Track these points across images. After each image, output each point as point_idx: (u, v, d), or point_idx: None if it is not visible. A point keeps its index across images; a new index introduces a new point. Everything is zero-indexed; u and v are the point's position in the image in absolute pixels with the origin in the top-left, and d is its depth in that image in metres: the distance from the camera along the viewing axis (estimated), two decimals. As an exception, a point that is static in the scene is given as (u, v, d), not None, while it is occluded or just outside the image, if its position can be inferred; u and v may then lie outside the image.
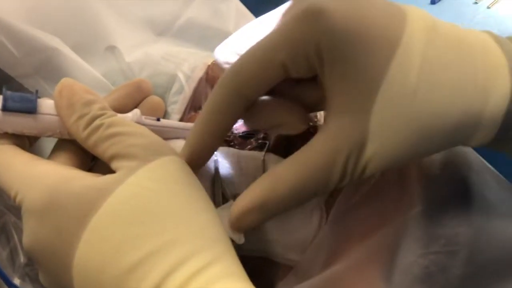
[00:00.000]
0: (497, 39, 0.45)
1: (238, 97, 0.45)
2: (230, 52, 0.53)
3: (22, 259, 0.52)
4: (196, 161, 0.47)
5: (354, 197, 0.52)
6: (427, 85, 0.41)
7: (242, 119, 0.49)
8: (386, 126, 0.42)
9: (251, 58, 0.45)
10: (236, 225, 0.46)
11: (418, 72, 0.41)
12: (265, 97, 0.48)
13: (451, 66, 0.42)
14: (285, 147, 0.58)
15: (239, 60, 0.45)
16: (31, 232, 0.42)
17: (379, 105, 0.41)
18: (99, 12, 0.61)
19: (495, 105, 0.43)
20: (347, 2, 0.43)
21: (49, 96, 0.47)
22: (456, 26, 0.45)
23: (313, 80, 0.46)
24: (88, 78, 0.56)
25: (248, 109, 0.47)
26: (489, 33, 0.46)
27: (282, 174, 0.44)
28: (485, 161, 0.55)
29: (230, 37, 0.59)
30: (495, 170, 0.55)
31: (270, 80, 0.45)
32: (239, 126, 0.59)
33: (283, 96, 0.48)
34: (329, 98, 0.44)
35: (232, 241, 0.44)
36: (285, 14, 0.46)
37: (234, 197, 0.53)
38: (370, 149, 0.42)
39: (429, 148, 0.44)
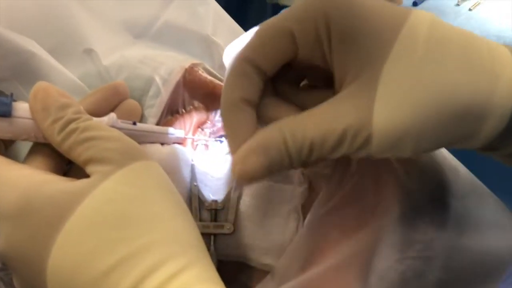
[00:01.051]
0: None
1: (250, 65, 0.45)
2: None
3: (-4, 263, 0.52)
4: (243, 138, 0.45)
5: (331, 202, 0.52)
6: (434, 57, 0.41)
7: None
8: (392, 96, 0.41)
9: (262, 26, 0.45)
10: (239, 169, 0.44)
11: (425, 45, 0.41)
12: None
13: (457, 45, 0.42)
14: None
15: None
16: (4, 236, 0.42)
17: (387, 73, 0.41)
18: (76, 14, 0.61)
19: (504, 89, 0.42)
20: None
21: (26, 99, 0.46)
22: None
23: (316, 88, 0.47)
24: (64, 81, 0.56)
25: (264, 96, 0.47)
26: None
27: (287, 123, 0.44)
28: (461, 164, 0.55)
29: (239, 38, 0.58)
30: (472, 175, 0.55)
31: (278, 50, 0.45)
32: (217, 130, 0.59)
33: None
34: (337, 72, 0.44)
35: (207, 247, 0.44)
36: None
37: (211, 202, 0.53)
38: (376, 120, 0.41)
39: (435, 133, 0.42)
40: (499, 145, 0.45)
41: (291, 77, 0.48)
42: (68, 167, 0.48)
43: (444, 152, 0.55)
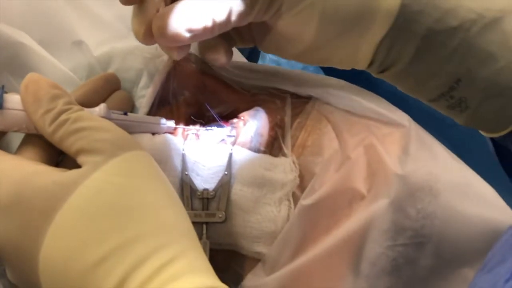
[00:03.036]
0: None
1: None
2: None
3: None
4: None
5: (322, 189, 0.52)
6: None
7: None
8: None
9: None
10: None
11: None
12: None
13: None
14: (272, 144, 0.58)
15: None
16: None
17: None
18: (66, 8, 0.61)
19: None
20: None
21: (17, 91, 0.46)
22: None
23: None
24: (55, 73, 0.56)
25: None
26: None
27: None
28: (450, 152, 0.56)
29: None
30: (461, 161, 0.55)
31: None
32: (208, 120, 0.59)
33: None
34: None
35: (199, 236, 0.44)
36: None
37: (202, 191, 0.53)
38: None
39: None
40: (389, 54, 0.50)
41: None
42: (60, 158, 0.49)
43: (435, 141, 0.55)
